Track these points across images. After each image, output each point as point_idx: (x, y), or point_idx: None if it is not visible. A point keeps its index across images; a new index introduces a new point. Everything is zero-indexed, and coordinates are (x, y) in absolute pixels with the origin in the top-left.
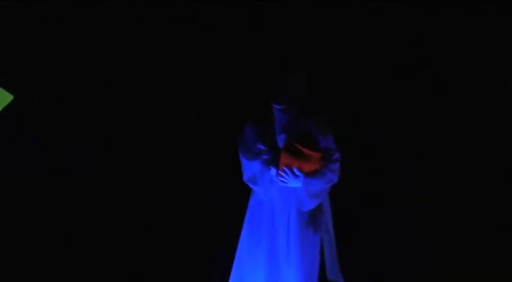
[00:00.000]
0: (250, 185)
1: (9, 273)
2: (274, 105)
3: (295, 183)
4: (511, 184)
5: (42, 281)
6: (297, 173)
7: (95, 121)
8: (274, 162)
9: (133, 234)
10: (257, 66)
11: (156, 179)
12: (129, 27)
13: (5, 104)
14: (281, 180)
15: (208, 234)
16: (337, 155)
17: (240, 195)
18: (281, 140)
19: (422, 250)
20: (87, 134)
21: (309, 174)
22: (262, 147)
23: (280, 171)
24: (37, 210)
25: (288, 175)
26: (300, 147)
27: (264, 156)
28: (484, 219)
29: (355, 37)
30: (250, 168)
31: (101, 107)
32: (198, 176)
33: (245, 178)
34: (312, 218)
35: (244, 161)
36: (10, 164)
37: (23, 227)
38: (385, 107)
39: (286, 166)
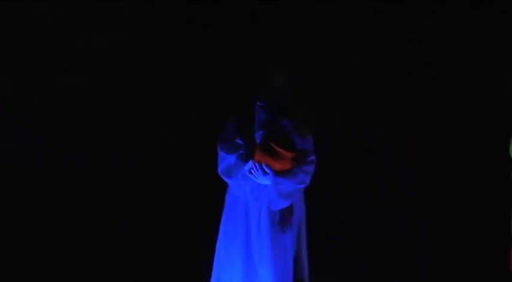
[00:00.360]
0: (224, 178)
1: (9, 273)
2: (257, 102)
3: (264, 180)
4: (511, 184)
5: (42, 281)
6: (266, 170)
7: (95, 121)
8: (249, 158)
9: (133, 234)
10: (245, 63)
11: (156, 179)
12: (129, 27)
13: None
14: (252, 176)
15: (208, 234)
16: (312, 157)
17: None
18: (258, 136)
19: (422, 250)
20: (87, 134)
21: (279, 174)
22: (240, 142)
23: (252, 167)
24: (37, 210)
25: (257, 171)
26: (274, 146)
27: (241, 151)
28: (484, 219)
29: (355, 37)
30: (225, 161)
31: (101, 107)
32: (198, 176)
33: (219, 170)
34: (282, 218)
35: (221, 154)
36: (10, 164)
37: (23, 227)
38: (385, 107)
39: (257, 162)
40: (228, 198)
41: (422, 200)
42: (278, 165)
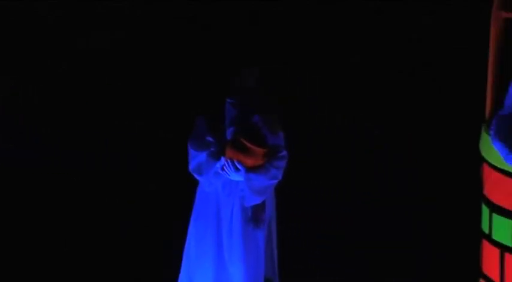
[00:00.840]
0: (195, 176)
1: (9, 273)
2: (227, 99)
3: (236, 177)
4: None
5: (42, 281)
6: (238, 166)
7: (95, 121)
8: (221, 155)
9: (133, 234)
10: (216, 60)
11: (156, 179)
12: (129, 27)
13: None
14: (225, 173)
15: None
16: (284, 153)
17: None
18: (229, 133)
19: (422, 250)
20: (87, 134)
21: (252, 170)
22: (211, 139)
23: (224, 164)
24: (37, 210)
25: (229, 167)
26: (245, 142)
27: (211, 149)
28: (460, 216)
29: (355, 37)
30: (196, 159)
31: (101, 107)
32: None
33: (190, 168)
34: (254, 215)
35: (191, 152)
36: (10, 164)
37: (23, 227)
38: (385, 107)
39: (229, 159)
40: (198, 196)
41: (422, 200)
42: (250, 161)
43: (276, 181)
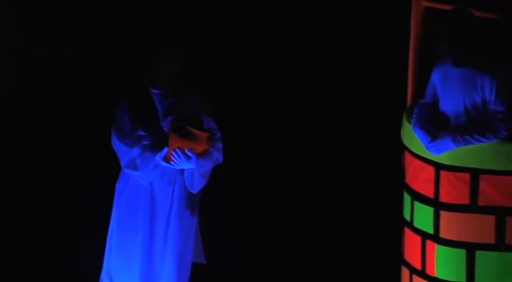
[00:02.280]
0: (131, 171)
1: (9, 273)
2: (153, 90)
3: (187, 165)
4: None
5: (41, 281)
6: (190, 154)
7: (95, 121)
8: (157, 147)
9: None
10: (132, 50)
11: None
12: (128, 28)
13: None
14: (173, 163)
15: (210, 233)
16: (219, 135)
17: (243, 195)
18: (166, 124)
19: (344, 238)
20: (86, 133)
21: (199, 155)
22: (142, 132)
23: (172, 154)
24: (37, 210)
25: (180, 157)
26: (191, 129)
27: (145, 142)
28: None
29: (354, 37)
30: (128, 155)
31: (102, 107)
32: None
33: (123, 165)
34: (193, 200)
35: (121, 147)
36: (10, 164)
37: (23, 226)
38: (382, 106)
39: (178, 148)
40: (121, 188)
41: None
42: (199, 148)
43: (217, 163)
